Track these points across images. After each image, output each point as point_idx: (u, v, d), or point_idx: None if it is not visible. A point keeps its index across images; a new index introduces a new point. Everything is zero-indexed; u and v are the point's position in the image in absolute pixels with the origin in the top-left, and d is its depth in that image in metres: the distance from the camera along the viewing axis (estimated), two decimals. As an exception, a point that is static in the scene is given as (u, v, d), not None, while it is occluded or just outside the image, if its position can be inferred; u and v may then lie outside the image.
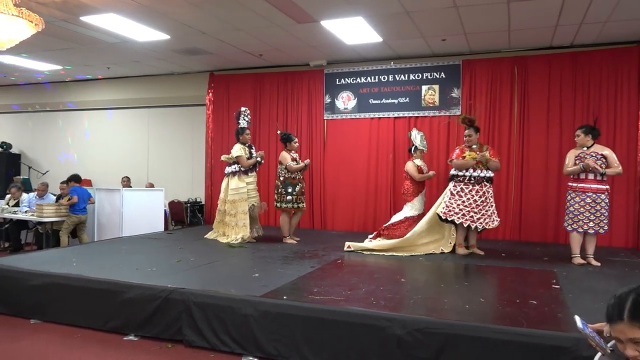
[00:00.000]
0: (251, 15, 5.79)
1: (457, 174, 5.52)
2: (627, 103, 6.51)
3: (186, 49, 7.35)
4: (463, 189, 5.46)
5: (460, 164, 5.45)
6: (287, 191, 6.22)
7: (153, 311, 3.61)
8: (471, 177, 5.46)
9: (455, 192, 5.48)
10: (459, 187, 5.48)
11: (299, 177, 6.31)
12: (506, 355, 2.78)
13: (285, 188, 6.23)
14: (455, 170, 5.55)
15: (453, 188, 5.51)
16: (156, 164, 9.42)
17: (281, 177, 6.27)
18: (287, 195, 6.21)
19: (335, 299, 3.52)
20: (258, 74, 8.46)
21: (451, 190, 5.51)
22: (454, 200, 5.46)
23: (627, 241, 6.43)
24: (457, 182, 5.51)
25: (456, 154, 5.56)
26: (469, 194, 5.44)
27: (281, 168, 6.29)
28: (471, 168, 5.43)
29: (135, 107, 9.59)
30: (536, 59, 6.93)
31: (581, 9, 5.40)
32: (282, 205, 6.26)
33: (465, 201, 5.43)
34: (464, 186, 5.47)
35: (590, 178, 5.01)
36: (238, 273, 4.49)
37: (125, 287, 3.79)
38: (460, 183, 5.49)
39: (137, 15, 5.88)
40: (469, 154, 5.44)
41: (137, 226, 7.20)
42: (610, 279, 4.43)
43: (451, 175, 5.62)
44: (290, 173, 6.24)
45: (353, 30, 6.31)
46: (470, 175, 5.46)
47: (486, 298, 3.64)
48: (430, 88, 7.45)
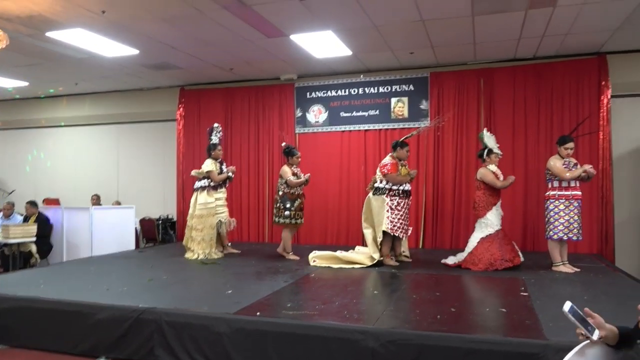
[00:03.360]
0: (221, 30, 5.80)
1: (391, 188, 5.65)
2: (588, 112, 6.73)
3: (156, 64, 7.30)
4: (399, 203, 5.65)
5: (399, 179, 5.65)
6: (285, 206, 6.10)
7: (124, 332, 3.54)
8: (404, 191, 5.70)
9: (393, 206, 5.62)
10: (396, 201, 5.63)
11: (298, 193, 6.18)
12: (477, 363, 2.82)
13: (283, 203, 6.12)
14: (389, 184, 5.65)
15: (391, 202, 5.62)
16: (126, 181, 9.26)
17: (280, 192, 6.18)
18: (285, 211, 6.10)
19: (308, 313, 3.52)
20: (229, 89, 8.45)
21: (389, 204, 5.60)
22: (395, 215, 5.60)
23: (591, 247, 6.61)
24: (392, 196, 5.64)
25: (388, 168, 5.65)
26: (403, 207, 5.68)
27: (281, 182, 6.19)
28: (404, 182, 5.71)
29: (104, 123, 9.44)
30: (501, 71, 7.13)
31: (542, 22, 5.60)
32: (280, 221, 6.15)
33: (402, 214, 5.66)
34: (399, 199, 5.65)
35: (576, 185, 5.17)
36: (211, 290, 4.45)
37: (96, 308, 3.71)
38: (396, 197, 5.64)
39: (105, 31, 5.82)
40: (404, 170, 5.72)
41: (108, 245, 7.05)
42: (576, 284, 4.55)
43: (383, 188, 5.67)
44: (290, 188, 6.12)
45: (323, 44, 6.38)
46: (404, 190, 5.69)
47: (457, 307, 3.70)
48: (399, 100, 7.57)
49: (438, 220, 7.35)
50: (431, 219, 7.36)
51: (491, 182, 5.41)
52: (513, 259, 5.28)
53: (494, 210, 5.43)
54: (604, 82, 6.66)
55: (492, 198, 5.45)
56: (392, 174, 5.64)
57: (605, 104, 6.65)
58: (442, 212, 7.32)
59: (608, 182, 6.63)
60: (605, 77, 6.66)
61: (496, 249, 5.28)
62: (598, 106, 6.70)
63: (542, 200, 5.88)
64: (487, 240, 5.36)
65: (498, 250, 5.27)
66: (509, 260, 5.24)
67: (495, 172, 5.50)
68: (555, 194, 5.20)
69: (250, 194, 8.27)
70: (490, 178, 5.42)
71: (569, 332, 2.87)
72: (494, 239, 5.33)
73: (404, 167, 5.82)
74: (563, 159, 5.25)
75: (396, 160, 5.77)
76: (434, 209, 7.36)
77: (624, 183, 6.72)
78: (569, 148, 5.22)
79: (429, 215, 7.36)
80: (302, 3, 4.96)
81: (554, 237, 5.19)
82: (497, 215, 5.44)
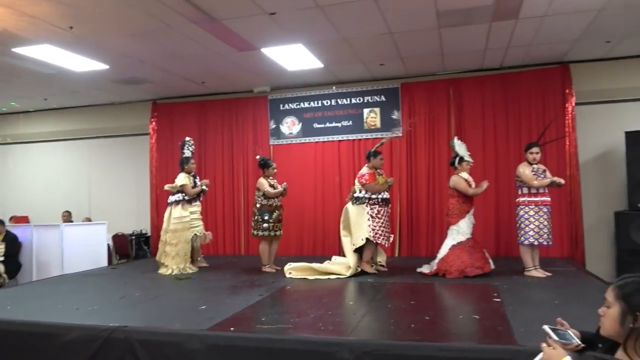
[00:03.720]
0: (190, 44, 5.79)
1: (370, 197, 5.73)
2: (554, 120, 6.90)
3: (126, 78, 7.23)
4: (379, 211, 5.74)
5: (377, 188, 5.74)
6: (263, 218, 6.07)
7: (94, 353, 3.44)
8: (383, 200, 5.79)
9: (374, 214, 5.70)
10: (376, 209, 5.71)
11: (276, 204, 6.17)
12: (450, 371, 2.85)
13: (261, 215, 6.09)
14: (367, 193, 5.73)
15: (371, 211, 5.69)
16: (98, 196, 9.10)
17: (258, 204, 6.15)
18: (263, 223, 6.07)
19: (283, 326, 3.50)
20: (202, 102, 8.42)
21: (370, 213, 5.68)
22: (376, 223, 5.67)
23: (562, 251, 6.76)
24: (372, 205, 5.72)
25: (366, 178, 5.74)
26: (383, 215, 5.77)
27: (258, 195, 6.16)
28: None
29: (75, 138, 9.28)
30: (469, 81, 7.29)
31: (506, 34, 5.75)
32: (259, 233, 6.11)
33: (383, 223, 5.74)
34: (379, 208, 5.74)
35: (545, 191, 5.31)
36: (184, 306, 4.38)
37: (64, 329, 3.60)
38: (376, 205, 5.73)
39: (73, 46, 5.75)
40: (381, 179, 5.82)
41: (79, 262, 6.89)
42: (548, 289, 4.64)
43: (363, 197, 5.75)
44: (267, 200, 6.10)
45: (294, 57, 6.43)
46: (382, 198, 5.79)
47: (432, 316, 3.73)
48: (371, 111, 7.66)
49: (413, 228, 7.42)
50: (406, 227, 7.43)
51: (463, 189, 5.50)
52: (483, 266, 5.37)
53: (466, 217, 5.50)
54: (568, 90, 6.86)
55: (465, 205, 5.54)
56: (371, 183, 5.73)
57: (570, 111, 6.85)
58: (417, 220, 7.40)
59: (576, 187, 6.80)
60: (569, 85, 6.87)
61: (467, 256, 5.35)
62: (563, 113, 6.90)
63: (513, 207, 6.00)
64: (458, 247, 5.43)
65: (468, 257, 5.35)
66: (479, 267, 5.33)
67: (467, 180, 5.59)
68: (525, 200, 5.32)
69: (225, 207, 8.21)
70: (463, 185, 5.51)
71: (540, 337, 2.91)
72: (465, 246, 5.41)
73: (381, 175, 5.93)
74: (532, 166, 5.38)
75: (373, 170, 5.87)
76: (409, 217, 7.43)
77: (591, 188, 6.91)
78: (534, 152, 5.38)
79: (404, 224, 7.43)
80: (271, 17, 5.00)
81: (525, 242, 5.30)
82: (468, 224, 5.51)
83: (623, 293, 1.73)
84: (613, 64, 6.86)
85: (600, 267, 6.56)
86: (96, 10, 4.74)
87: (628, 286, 1.74)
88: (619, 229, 6.30)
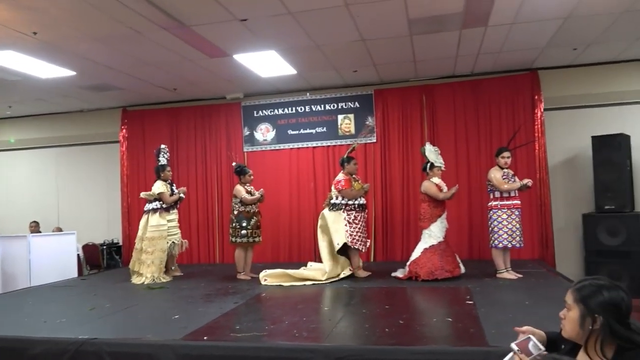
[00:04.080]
0: (160, 50, 5.71)
1: (347, 203, 5.79)
2: (524, 125, 7.05)
3: (94, 85, 7.09)
4: (356, 217, 5.81)
5: (353, 193, 5.81)
6: (241, 225, 6.03)
7: (62, 367, 3.35)
8: (359, 205, 5.87)
9: (351, 220, 5.76)
10: (352, 215, 5.78)
11: (254, 211, 6.14)
12: (424, 375, 2.86)
13: (239, 222, 6.05)
14: (344, 200, 5.80)
15: (348, 217, 5.76)
16: (68, 206, 8.88)
17: (235, 211, 6.11)
18: (241, 230, 6.03)
19: (257, 334, 3.46)
20: (174, 109, 8.31)
21: (347, 219, 5.74)
22: (354, 228, 5.74)
23: (533, 253, 6.88)
24: (349, 210, 5.78)
25: (342, 184, 5.80)
26: (360, 220, 5.85)
27: (235, 201, 6.12)
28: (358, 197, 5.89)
29: (42, 146, 9.04)
30: (441, 87, 7.39)
31: (476, 41, 5.86)
32: (237, 240, 6.07)
33: (360, 228, 5.82)
34: (356, 214, 5.81)
35: (516, 195, 5.43)
36: (157, 316, 4.30)
37: (29, 343, 3.48)
38: (353, 211, 5.80)
39: (38, 52, 5.61)
40: (357, 185, 5.89)
41: (48, 274, 6.68)
42: (519, 291, 4.72)
43: (340, 204, 5.81)
44: (245, 206, 6.06)
45: (267, 64, 6.41)
46: (359, 204, 5.87)
47: (405, 320, 3.74)
48: (345, 117, 7.69)
49: (388, 233, 7.46)
50: (381, 232, 7.46)
51: (434, 194, 5.57)
52: (453, 270, 5.44)
53: (438, 222, 5.58)
54: (537, 96, 7.02)
55: (437, 210, 5.60)
56: (347, 189, 5.78)
57: (539, 116, 7.01)
58: (392, 225, 7.44)
59: (546, 191, 6.95)
60: (537, 91, 7.03)
61: (437, 259, 5.43)
62: (533, 119, 7.05)
63: (485, 210, 6.10)
64: (429, 250, 5.50)
65: (439, 260, 5.42)
66: (448, 270, 5.40)
67: (438, 185, 5.66)
68: (498, 204, 5.42)
69: (199, 215, 8.11)
70: (433, 190, 5.58)
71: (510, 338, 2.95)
72: (437, 250, 5.49)
73: (357, 181, 5.98)
74: (502, 170, 5.48)
75: (349, 176, 5.91)
76: (384, 222, 7.47)
77: (560, 191, 7.07)
78: (505, 157, 5.50)
79: (379, 229, 7.46)
80: (242, 23, 4.98)
81: (499, 245, 5.39)
82: (440, 228, 5.59)
83: (581, 296, 1.76)
84: (580, 70, 7.05)
85: (569, 268, 6.72)
86: (61, 16, 4.63)
87: (585, 289, 1.77)
88: (586, 230, 6.45)
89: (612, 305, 1.70)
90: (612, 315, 1.69)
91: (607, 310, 1.69)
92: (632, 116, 6.83)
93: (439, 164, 5.76)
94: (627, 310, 1.70)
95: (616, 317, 1.69)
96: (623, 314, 1.70)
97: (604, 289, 1.73)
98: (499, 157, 5.52)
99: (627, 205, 6.17)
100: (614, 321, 1.68)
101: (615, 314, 1.69)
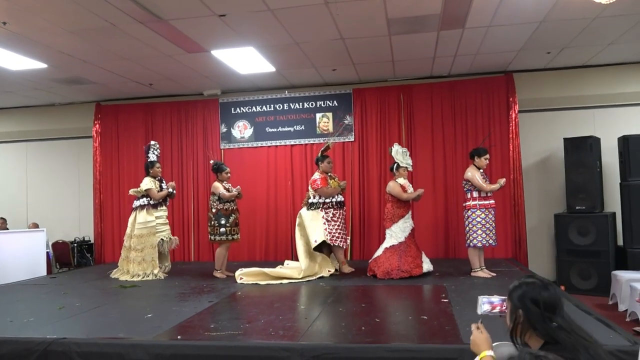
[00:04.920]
0: (136, 44, 5.60)
1: (325, 202, 5.84)
2: (499, 126, 7.18)
3: (67, 78, 6.91)
4: (335, 214, 5.86)
5: (330, 192, 5.85)
6: (220, 223, 5.99)
7: (29, 367, 3.25)
8: (337, 203, 5.93)
9: (329, 218, 5.81)
10: (331, 212, 5.84)
11: (232, 208, 6.12)
12: (400, 372, 2.87)
13: (218, 220, 6.01)
14: (321, 198, 5.84)
15: (326, 215, 5.81)
16: (37, 202, 8.64)
17: (213, 209, 6.06)
18: (220, 227, 5.99)
19: (232, 333, 3.42)
20: (149, 104, 8.17)
21: (325, 217, 5.79)
22: (332, 226, 5.79)
23: (507, 252, 7.00)
24: (326, 209, 5.83)
25: (318, 183, 5.83)
26: (339, 218, 5.90)
27: (213, 199, 6.09)
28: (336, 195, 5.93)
29: (10, 140, 8.78)
30: (419, 87, 7.45)
31: (453, 43, 5.92)
32: (216, 238, 6.03)
33: (339, 225, 5.87)
34: (334, 211, 5.86)
35: (491, 195, 5.52)
36: (129, 315, 4.20)
37: (-5, 343, 3.38)
38: (331, 209, 5.85)
39: (7, 43, 5.43)
40: (334, 182, 5.95)
41: (15, 272, 6.49)
42: (492, 289, 4.76)
43: (317, 202, 5.85)
44: (223, 204, 6.03)
45: (245, 60, 6.35)
46: (337, 201, 5.92)
47: (381, 318, 3.76)
48: (324, 116, 7.68)
49: (365, 232, 7.48)
50: (358, 231, 7.48)
51: (397, 194, 5.65)
52: (411, 270, 5.49)
53: (400, 222, 5.64)
54: (512, 98, 7.14)
55: (400, 210, 5.67)
56: (323, 187, 5.82)
57: (514, 118, 7.12)
58: (369, 223, 7.46)
59: (520, 191, 7.06)
60: (512, 93, 7.14)
61: (396, 259, 5.50)
62: (507, 120, 7.16)
63: (460, 210, 6.16)
64: (390, 250, 5.59)
65: (397, 260, 5.50)
66: (405, 271, 5.45)
67: (403, 185, 5.73)
68: (477, 204, 5.48)
69: (174, 212, 7.98)
70: (397, 191, 5.65)
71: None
72: (396, 250, 5.57)
73: (333, 179, 6.02)
74: (479, 170, 5.55)
75: (325, 175, 5.92)
76: (361, 221, 7.49)
77: (533, 191, 7.21)
78: (487, 158, 5.61)
79: (356, 227, 7.48)
80: (220, 19, 4.91)
81: (477, 244, 5.46)
82: (402, 228, 5.63)
83: (509, 292, 1.94)
84: (553, 74, 7.20)
85: (541, 267, 6.87)
86: (32, 5, 4.48)
87: (514, 287, 1.92)
88: (558, 230, 6.59)
89: (529, 299, 1.82)
90: (529, 309, 1.80)
91: (525, 304, 1.82)
92: (603, 119, 7.01)
93: (404, 165, 5.81)
94: (547, 306, 1.79)
95: (534, 312, 1.79)
96: (542, 309, 1.79)
97: (524, 285, 1.88)
98: (482, 157, 5.57)
99: (597, 205, 6.32)
100: (532, 315, 1.79)
101: (533, 308, 1.80)
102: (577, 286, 6.25)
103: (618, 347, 2.83)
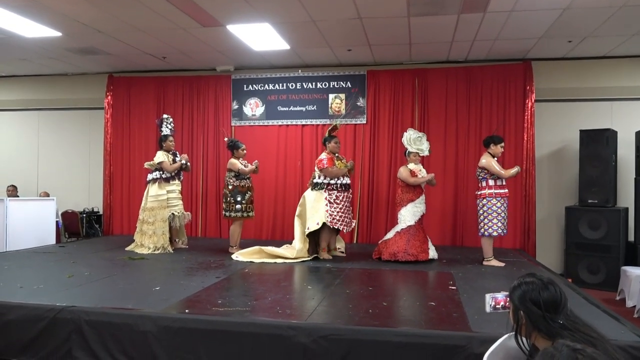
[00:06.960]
0: (152, 16, 5.53)
1: (329, 182, 5.72)
2: (514, 115, 7.07)
3: (81, 48, 6.86)
4: (338, 196, 5.73)
5: (335, 172, 5.70)
6: (236, 200, 6.00)
7: (38, 333, 3.29)
8: (342, 185, 5.78)
9: (332, 200, 5.69)
10: (334, 194, 5.71)
11: (248, 185, 6.12)
12: (407, 356, 2.86)
13: (234, 197, 6.01)
14: (326, 179, 5.72)
15: (329, 196, 5.69)
16: (48, 171, 8.67)
17: (230, 186, 6.05)
18: (236, 204, 6.00)
19: (240, 309, 3.44)
20: (162, 77, 8.11)
21: (328, 199, 5.67)
22: (334, 208, 5.67)
23: (515, 242, 6.97)
24: (330, 190, 5.71)
25: (325, 163, 5.71)
26: (342, 200, 5.75)
27: (229, 176, 6.07)
28: (341, 176, 5.78)
29: (23, 109, 8.78)
30: (435, 72, 7.33)
31: (474, 26, 5.79)
32: (232, 215, 6.04)
33: (342, 208, 5.73)
34: (338, 193, 5.73)
35: (505, 184, 5.45)
36: (137, 287, 4.23)
37: (5, 308, 3.41)
38: (334, 191, 5.72)
39: (23, 9, 5.38)
40: (340, 163, 5.81)
41: (25, 240, 6.57)
42: (500, 278, 4.76)
43: (322, 183, 5.73)
44: (239, 181, 6.02)
45: (260, 36, 6.26)
46: (342, 183, 5.78)
47: (389, 302, 3.75)
48: (337, 97, 7.60)
49: (373, 216, 7.46)
50: (366, 214, 7.46)
51: (405, 179, 5.66)
52: (418, 254, 5.50)
53: (409, 206, 5.64)
54: (529, 86, 7.01)
55: (408, 194, 5.67)
56: (329, 167, 5.70)
57: (530, 107, 7.01)
58: (377, 207, 7.44)
59: (531, 181, 6.99)
60: (530, 82, 7.01)
61: (404, 242, 5.53)
62: (523, 109, 7.05)
63: (471, 197, 6.10)
64: (399, 233, 5.62)
65: (405, 243, 5.52)
66: (412, 254, 5.48)
67: (413, 170, 5.70)
68: (493, 192, 5.40)
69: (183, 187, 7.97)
70: (405, 175, 5.66)
71: (493, 324, 2.99)
72: (405, 233, 5.59)
73: (341, 160, 5.91)
74: (494, 158, 5.48)
75: (332, 155, 5.83)
76: (369, 205, 7.46)
77: (544, 182, 7.13)
78: (503, 146, 5.56)
79: (364, 211, 7.46)
80: (239, -8, 4.83)
81: (493, 233, 5.41)
82: (412, 212, 5.64)
83: (509, 291, 1.92)
84: (573, 63, 7.06)
85: (549, 259, 6.84)
86: (51, -28, 4.44)
87: (514, 287, 1.90)
88: (568, 223, 6.53)
89: (530, 301, 1.80)
90: (530, 311, 1.78)
91: (525, 306, 1.81)
92: (620, 112, 6.89)
93: (415, 150, 5.75)
94: (548, 306, 1.77)
95: (535, 313, 1.77)
96: (544, 310, 1.76)
97: (523, 285, 1.85)
98: (498, 145, 5.49)
99: (610, 200, 6.24)
100: (534, 316, 1.77)
101: (534, 309, 1.78)
102: (585, 280, 6.23)
103: (629, 342, 2.80)
